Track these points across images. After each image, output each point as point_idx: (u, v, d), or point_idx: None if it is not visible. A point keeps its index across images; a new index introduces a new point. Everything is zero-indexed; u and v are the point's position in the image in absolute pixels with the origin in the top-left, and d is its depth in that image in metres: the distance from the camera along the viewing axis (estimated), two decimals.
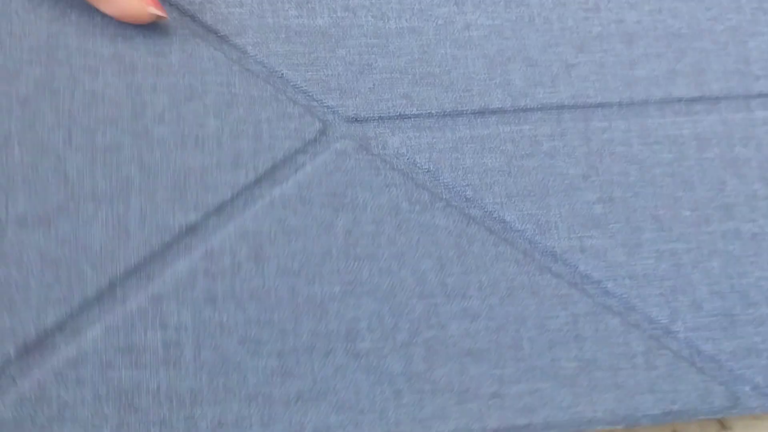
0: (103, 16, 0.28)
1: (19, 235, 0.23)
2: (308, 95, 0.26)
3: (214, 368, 0.22)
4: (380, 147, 0.25)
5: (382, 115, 0.26)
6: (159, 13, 0.28)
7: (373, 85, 0.27)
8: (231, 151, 0.25)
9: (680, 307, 0.21)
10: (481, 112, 0.26)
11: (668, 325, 0.21)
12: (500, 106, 0.26)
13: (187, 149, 0.24)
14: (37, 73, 0.26)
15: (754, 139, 0.23)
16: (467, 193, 0.24)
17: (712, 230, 0.22)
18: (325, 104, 0.26)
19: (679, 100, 0.24)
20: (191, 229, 0.23)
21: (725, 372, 0.20)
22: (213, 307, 0.22)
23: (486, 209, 0.24)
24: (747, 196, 0.22)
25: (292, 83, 0.27)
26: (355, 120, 0.26)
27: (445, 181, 0.25)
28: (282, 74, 0.27)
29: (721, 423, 0.22)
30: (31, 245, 0.23)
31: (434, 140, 0.25)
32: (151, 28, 0.28)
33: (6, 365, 0.22)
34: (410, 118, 0.26)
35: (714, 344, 0.21)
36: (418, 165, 0.25)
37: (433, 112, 0.26)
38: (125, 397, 0.22)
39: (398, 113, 0.26)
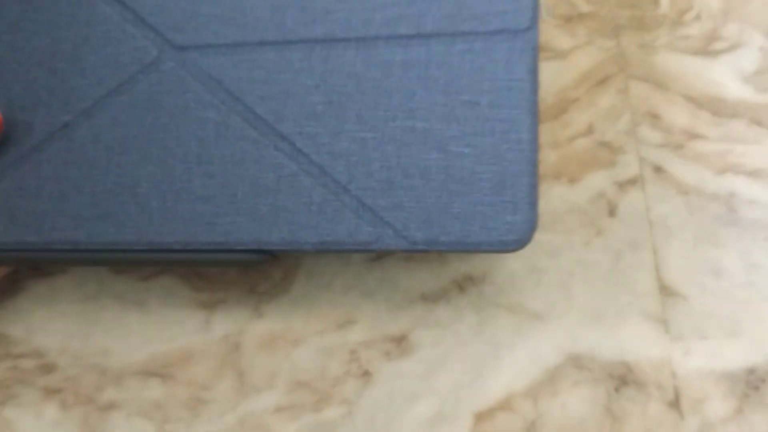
0: None
1: None
2: (146, 23, 0.32)
3: None
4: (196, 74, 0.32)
5: (210, 42, 0.32)
6: None
7: (210, 13, 0.32)
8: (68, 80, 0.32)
9: (357, 174, 0.29)
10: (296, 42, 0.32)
11: (345, 185, 0.29)
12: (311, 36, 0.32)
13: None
14: None
15: (448, 65, 0.30)
16: (246, 99, 0.31)
17: (395, 125, 0.30)
18: (160, 33, 0.32)
19: (401, 36, 0.31)
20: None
21: (378, 220, 0.28)
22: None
23: (247, 107, 0.31)
24: (428, 104, 0.30)
25: (134, 8, 0.33)
26: (184, 48, 0.32)
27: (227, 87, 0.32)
28: (127, 2, 0.33)
29: None
30: None
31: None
32: None
33: None
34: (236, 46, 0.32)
35: (374, 201, 0.29)
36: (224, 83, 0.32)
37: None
38: None
39: (232, 42, 0.32)
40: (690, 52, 0.33)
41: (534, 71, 0.29)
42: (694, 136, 0.32)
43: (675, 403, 0.29)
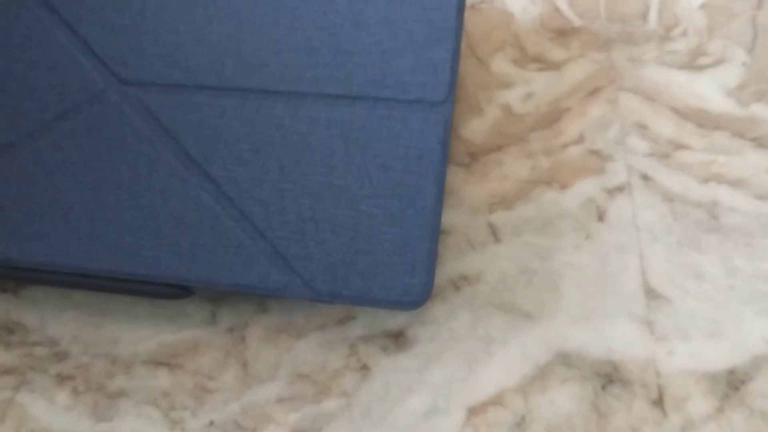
0: None
1: None
2: (95, 55, 0.33)
3: None
4: (137, 114, 0.32)
5: (154, 81, 0.32)
6: None
7: (157, 53, 0.32)
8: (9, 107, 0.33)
9: (274, 222, 0.30)
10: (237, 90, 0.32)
11: (262, 231, 0.30)
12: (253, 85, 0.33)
13: None
14: None
15: (367, 128, 0.31)
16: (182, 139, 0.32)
17: (314, 179, 0.30)
18: (108, 66, 0.32)
19: (328, 95, 0.32)
20: None
21: (288, 268, 0.29)
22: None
23: (180, 146, 0.32)
24: (346, 163, 0.31)
25: (87, 40, 0.33)
26: (129, 83, 0.32)
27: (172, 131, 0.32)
28: (80, 33, 0.33)
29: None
30: None
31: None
32: None
33: None
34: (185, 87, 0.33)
35: (286, 250, 0.30)
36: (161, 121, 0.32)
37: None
38: None
39: (174, 83, 0.32)
40: (676, 67, 0.34)
41: (444, 143, 0.31)
42: (680, 146, 0.33)
43: (658, 401, 0.30)
